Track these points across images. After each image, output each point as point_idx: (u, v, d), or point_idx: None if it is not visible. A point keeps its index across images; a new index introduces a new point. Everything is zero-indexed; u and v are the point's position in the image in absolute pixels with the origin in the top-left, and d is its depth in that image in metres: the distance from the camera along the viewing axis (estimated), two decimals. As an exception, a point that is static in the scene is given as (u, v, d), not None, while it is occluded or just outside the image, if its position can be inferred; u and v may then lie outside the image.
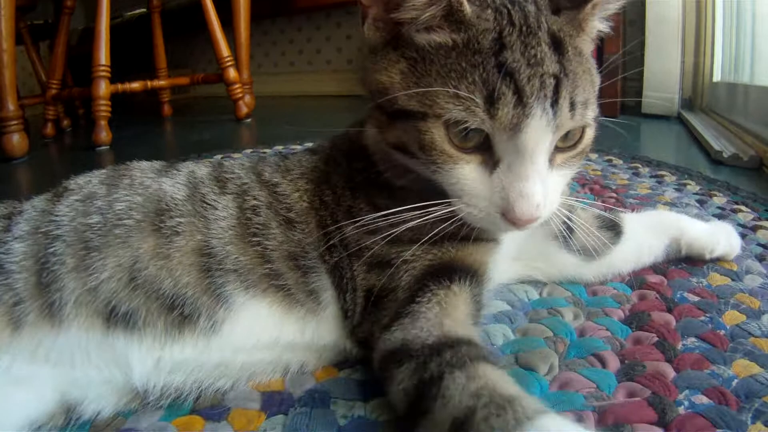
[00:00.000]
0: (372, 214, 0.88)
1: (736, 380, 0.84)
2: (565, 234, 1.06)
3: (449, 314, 0.82)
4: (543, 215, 0.82)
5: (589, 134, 0.87)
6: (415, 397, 0.72)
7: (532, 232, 1.00)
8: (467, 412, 0.65)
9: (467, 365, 0.71)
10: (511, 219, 0.80)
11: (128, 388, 0.83)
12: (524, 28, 0.79)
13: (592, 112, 0.84)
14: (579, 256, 1.11)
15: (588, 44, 0.88)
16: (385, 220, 0.85)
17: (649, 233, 1.20)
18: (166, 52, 5.10)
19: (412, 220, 0.84)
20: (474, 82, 0.76)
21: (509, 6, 0.82)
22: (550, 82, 0.77)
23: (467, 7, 0.80)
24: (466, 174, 0.82)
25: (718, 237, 1.21)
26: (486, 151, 0.81)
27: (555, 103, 0.77)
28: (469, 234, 0.88)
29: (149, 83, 4.15)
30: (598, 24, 0.89)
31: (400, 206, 0.84)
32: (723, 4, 3.88)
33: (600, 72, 0.89)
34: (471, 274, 0.88)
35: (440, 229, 0.85)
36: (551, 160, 0.84)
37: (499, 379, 0.70)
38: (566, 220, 0.95)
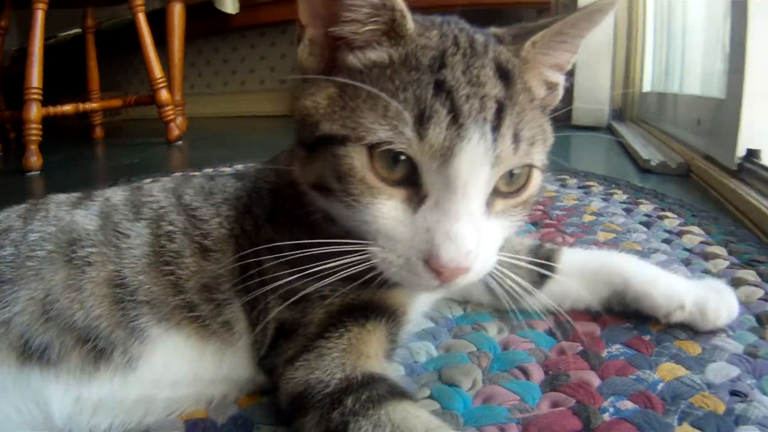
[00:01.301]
0: (293, 250, 0.82)
1: (661, 384, 0.86)
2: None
3: (357, 350, 0.80)
4: (473, 268, 0.73)
5: (536, 180, 0.81)
6: None
7: None
8: None
9: (371, 411, 0.71)
10: (434, 266, 0.70)
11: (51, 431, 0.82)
12: (468, 51, 0.76)
13: (539, 155, 0.78)
14: (495, 298, 1.05)
15: (538, 87, 0.84)
16: (302, 254, 0.78)
17: (584, 280, 1.07)
18: (99, 73, 5.06)
19: (324, 263, 0.76)
20: (405, 100, 0.70)
21: (456, 31, 0.80)
22: (492, 105, 0.72)
23: (410, 22, 0.77)
24: (386, 211, 0.73)
25: (683, 300, 0.99)
26: (412, 185, 0.73)
27: (496, 128, 0.71)
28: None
29: (81, 106, 4.12)
30: (546, 72, 0.85)
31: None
32: (654, 15, 4.02)
33: None
34: (389, 315, 0.86)
35: (356, 274, 0.77)
36: (489, 204, 0.76)
37: (408, 418, 0.70)
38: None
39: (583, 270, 1.08)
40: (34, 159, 3.33)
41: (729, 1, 2.24)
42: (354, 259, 0.75)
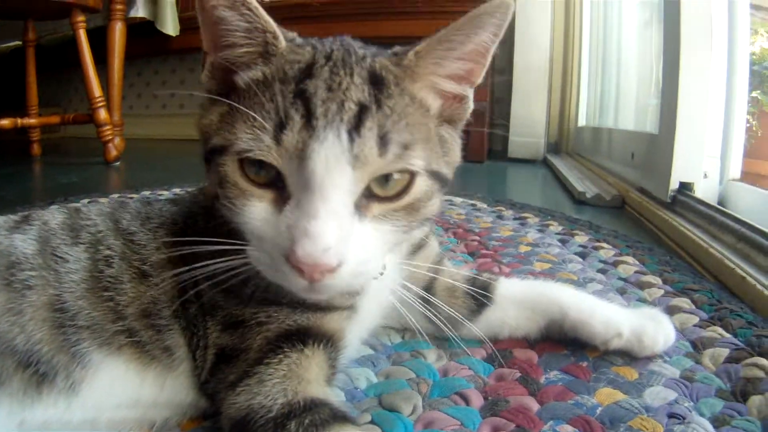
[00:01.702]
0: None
1: (600, 408, 0.88)
2: (422, 304, 1.02)
3: (297, 376, 0.80)
4: (340, 268, 0.73)
5: (420, 187, 0.80)
6: None
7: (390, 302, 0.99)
8: None
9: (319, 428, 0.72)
10: (294, 262, 0.71)
11: None
12: (339, 62, 0.79)
13: (420, 161, 0.78)
14: (433, 326, 1.06)
15: (431, 98, 0.86)
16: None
17: (520, 310, 1.09)
18: (39, 89, 4.91)
19: (210, 263, 0.79)
20: (269, 110, 0.75)
21: (335, 46, 0.83)
22: (351, 107, 0.74)
23: (282, 42, 0.81)
24: (256, 213, 0.77)
25: (620, 328, 1.01)
26: (280, 187, 0.76)
27: (355, 130, 0.73)
28: (324, 305, 0.87)
29: (19, 121, 4.03)
30: (441, 82, 0.86)
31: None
32: (589, 51, 4.14)
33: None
34: (327, 340, 0.87)
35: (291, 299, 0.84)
36: (363, 207, 0.77)
37: None
38: (421, 291, 0.95)
39: (520, 300, 1.10)
40: (-31, 174, 3.24)
41: (662, 38, 2.31)
42: (237, 260, 0.79)
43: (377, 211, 0.78)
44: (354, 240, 0.74)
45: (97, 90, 4.04)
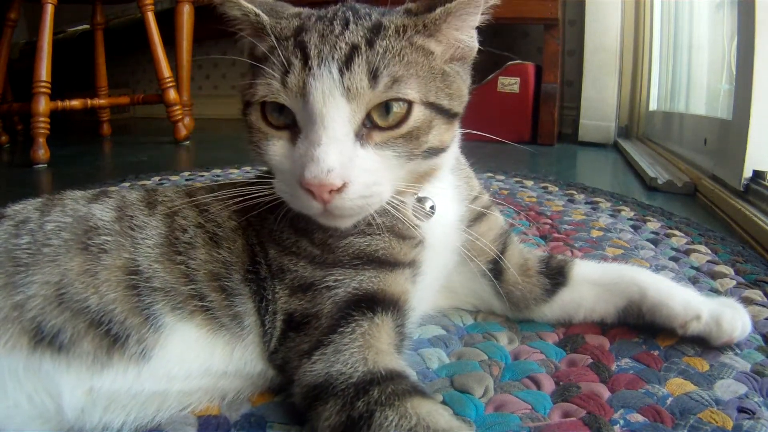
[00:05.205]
0: (293, 236, 0.95)
1: (670, 398, 0.88)
2: (492, 275, 1.10)
3: (373, 346, 0.83)
4: (346, 187, 0.82)
5: (417, 116, 0.87)
6: None
7: (457, 266, 1.07)
8: None
9: (397, 403, 0.74)
10: (304, 185, 0.82)
11: (63, 425, 0.82)
12: (334, 18, 0.91)
13: (413, 92, 0.86)
14: (505, 304, 1.13)
15: (434, 45, 0.93)
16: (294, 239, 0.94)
17: (598, 291, 1.10)
18: (108, 71, 5.04)
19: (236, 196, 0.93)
20: (275, 63, 0.87)
21: (334, 8, 0.95)
22: (343, 47, 0.85)
23: (264, 17, 0.94)
24: (277, 149, 0.89)
25: (700, 310, 1.00)
26: (294, 128, 0.88)
27: (346, 66, 0.83)
28: (384, 258, 0.93)
29: (89, 102, 4.12)
30: (456, 33, 0.94)
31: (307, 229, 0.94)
32: (660, 34, 4.03)
33: (537, 101, 0.95)
34: (393, 305, 0.90)
35: (359, 251, 0.92)
36: (365, 136, 0.86)
37: (432, 413, 0.73)
38: (497, 256, 1.01)
39: (598, 281, 1.10)
40: (42, 152, 3.35)
41: (736, 21, 2.26)
42: (263, 194, 0.91)
43: (379, 139, 0.87)
44: (358, 164, 0.84)
45: (166, 70, 4.12)
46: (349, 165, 0.82)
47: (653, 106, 4.07)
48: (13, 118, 4.91)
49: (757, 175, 1.91)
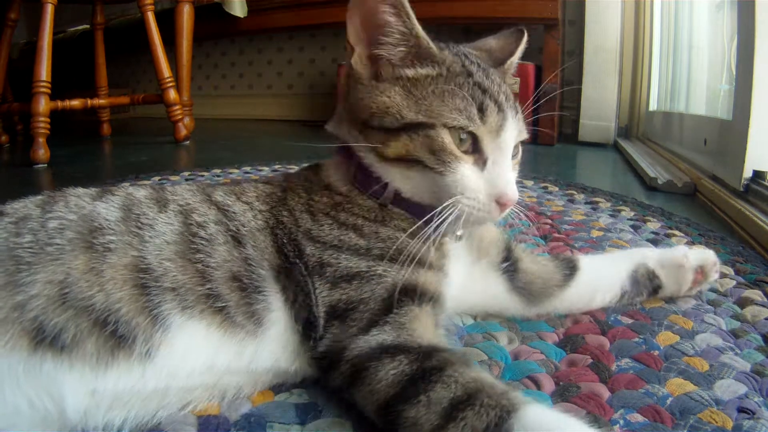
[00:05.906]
0: (336, 230, 0.99)
1: (670, 398, 0.88)
2: (508, 266, 1.15)
3: (429, 329, 0.90)
4: (517, 198, 1.00)
5: (520, 150, 1.09)
6: (407, 381, 0.78)
7: (476, 264, 1.13)
8: (465, 394, 0.74)
9: (461, 363, 0.80)
10: (504, 202, 0.98)
11: (65, 430, 0.81)
12: (473, 62, 1.05)
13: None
14: (523, 298, 1.15)
15: None
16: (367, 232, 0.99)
17: (607, 264, 1.24)
18: (107, 70, 5.02)
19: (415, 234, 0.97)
20: (464, 97, 0.98)
21: (456, 49, 1.08)
22: (511, 96, 1.04)
23: (434, 47, 1.02)
24: (466, 171, 0.98)
25: (684, 250, 1.23)
26: (476, 152, 0.99)
27: (517, 112, 1.04)
28: (423, 259, 0.96)
29: (89, 101, 4.10)
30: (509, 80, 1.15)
31: (383, 224, 1.01)
32: (660, 35, 4.03)
33: (537, 101, 1.11)
34: (433, 299, 0.95)
35: (404, 249, 0.95)
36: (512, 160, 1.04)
37: (489, 377, 0.79)
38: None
39: (603, 260, 1.29)
40: (42, 152, 3.33)
41: (735, 22, 2.25)
42: (442, 217, 0.97)
43: (514, 162, 1.05)
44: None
45: (166, 70, 4.10)
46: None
47: (653, 106, 4.07)
48: (13, 117, 4.90)
49: (757, 175, 1.91)
